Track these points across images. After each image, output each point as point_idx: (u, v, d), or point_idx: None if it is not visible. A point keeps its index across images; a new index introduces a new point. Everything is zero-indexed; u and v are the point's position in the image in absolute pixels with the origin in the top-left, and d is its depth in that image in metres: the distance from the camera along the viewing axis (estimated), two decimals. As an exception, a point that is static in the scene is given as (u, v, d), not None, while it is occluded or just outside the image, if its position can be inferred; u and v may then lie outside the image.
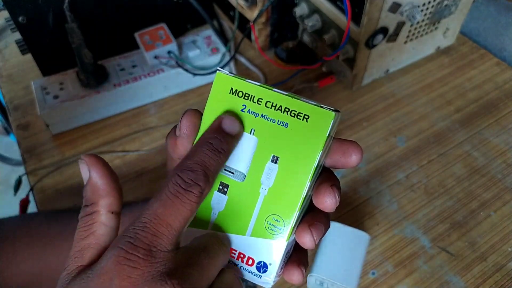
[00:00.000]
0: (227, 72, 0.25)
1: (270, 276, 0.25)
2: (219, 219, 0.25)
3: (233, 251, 0.25)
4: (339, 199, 0.24)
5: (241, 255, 0.25)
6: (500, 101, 0.66)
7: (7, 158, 1.48)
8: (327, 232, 0.50)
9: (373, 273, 0.49)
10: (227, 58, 0.68)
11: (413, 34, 0.65)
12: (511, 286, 0.48)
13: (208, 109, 0.25)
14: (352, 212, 0.54)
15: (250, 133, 0.25)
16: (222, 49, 0.68)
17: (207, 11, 0.69)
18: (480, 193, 0.56)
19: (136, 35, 0.66)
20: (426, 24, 0.65)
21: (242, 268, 0.25)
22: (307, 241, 0.24)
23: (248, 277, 0.25)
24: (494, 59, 0.72)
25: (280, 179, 0.24)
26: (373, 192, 0.56)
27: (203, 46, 0.68)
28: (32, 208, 0.58)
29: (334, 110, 0.23)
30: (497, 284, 0.48)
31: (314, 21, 0.64)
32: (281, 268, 0.25)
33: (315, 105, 0.24)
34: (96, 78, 0.63)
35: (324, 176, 0.25)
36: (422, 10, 0.61)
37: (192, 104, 0.67)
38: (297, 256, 0.27)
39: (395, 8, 0.57)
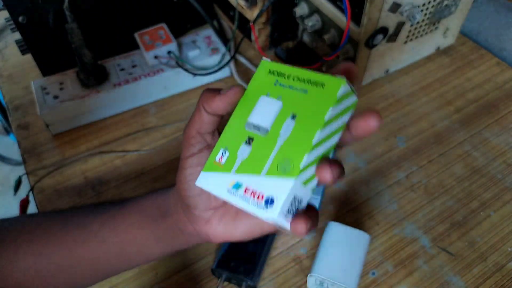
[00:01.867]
0: (269, 60, 0.32)
1: (275, 211, 0.27)
2: (242, 164, 0.29)
3: (247, 190, 0.28)
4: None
5: (253, 192, 0.28)
6: (500, 101, 0.66)
7: (7, 158, 1.48)
8: (327, 232, 0.50)
9: (373, 273, 0.49)
10: (227, 58, 0.68)
11: (413, 34, 0.65)
12: (511, 286, 0.48)
13: (252, 83, 0.32)
14: (352, 212, 0.54)
15: (277, 99, 0.30)
16: (222, 49, 0.68)
17: (207, 11, 0.69)
18: (480, 193, 0.56)
19: (136, 35, 0.66)
20: (426, 24, 0.65)
21: (252, 203, 0.28)
22: (326, 175, 0.28)
23: (256, 211, 0.28)
24: (494, 59, 0.72)
25: (296, 131, 0.28)
26: (373, 192, 0.56)
27: (203, 46, 0.68)
28: (32, 208, 0.58)
29: (344, 79, 0.28)
30: (497, 284, 0.48)
31: (314, 21, 0.64)
32: (288, 213, 0.28)
33: (330, 75, 0.29)
34: (96, 78, 0.63)
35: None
36: (422, 10, 0.61)
37: (193, 104, 0.67)
38: (307, 213, 0.29)
39: (395, 8, 0.57)
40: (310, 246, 0.51)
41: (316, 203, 0.49)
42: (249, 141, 0.30)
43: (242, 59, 0.72)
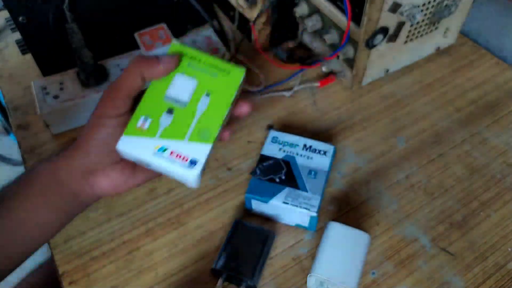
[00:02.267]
0: (180, 43, 0.39)
1: (198, 170, 0.36)
2: (165, 131, 0.36)
3: (172, 152, 0.36)
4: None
5: (179, 155, 0.36)
6: (500, 101, 0.66)
7: (7, 158, 1.48)
8: (327, 232, 0.50)
9: (373, 273, 0.49)
10: (227, 58, 0.68)
11: (413, 34, 0.65)
12: (511, 286, 0.48)
13: None
14: (352, 212, 0.54)
15: (193, 77, 0.38)
16: (222, 49, 0.68)
17: (207, 11, 0.69)
18: (480, 193, 0.56)
19: (136, 35, 0.66)
20: (426, 24, 0.65)
21: (178, 164, 0.36)
22: (227, 134, 0.40)
23: (182, 171, 0.36)
24: (494, 59, 0.72)
25: (211, 106, 0.37)
26: (373, 192, 0.56)
27: (203, 46, 0.68)
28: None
29: (244, 69, 0.39)
30: (497, 284, 0.48)
31: (314, 21, 0.64)
32: (204, 169, 0.37)
33: (232, 64, 0.39)
34: (96, 78, 0.63)
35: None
36: (422, 10, 0.61)
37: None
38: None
39: (395, 8, 0.57)
40: (310, 246, 0.51)
41: (316, 203, 0.49)
42: (170, 111, 0.37)
43: (242, 59, 0.72)
